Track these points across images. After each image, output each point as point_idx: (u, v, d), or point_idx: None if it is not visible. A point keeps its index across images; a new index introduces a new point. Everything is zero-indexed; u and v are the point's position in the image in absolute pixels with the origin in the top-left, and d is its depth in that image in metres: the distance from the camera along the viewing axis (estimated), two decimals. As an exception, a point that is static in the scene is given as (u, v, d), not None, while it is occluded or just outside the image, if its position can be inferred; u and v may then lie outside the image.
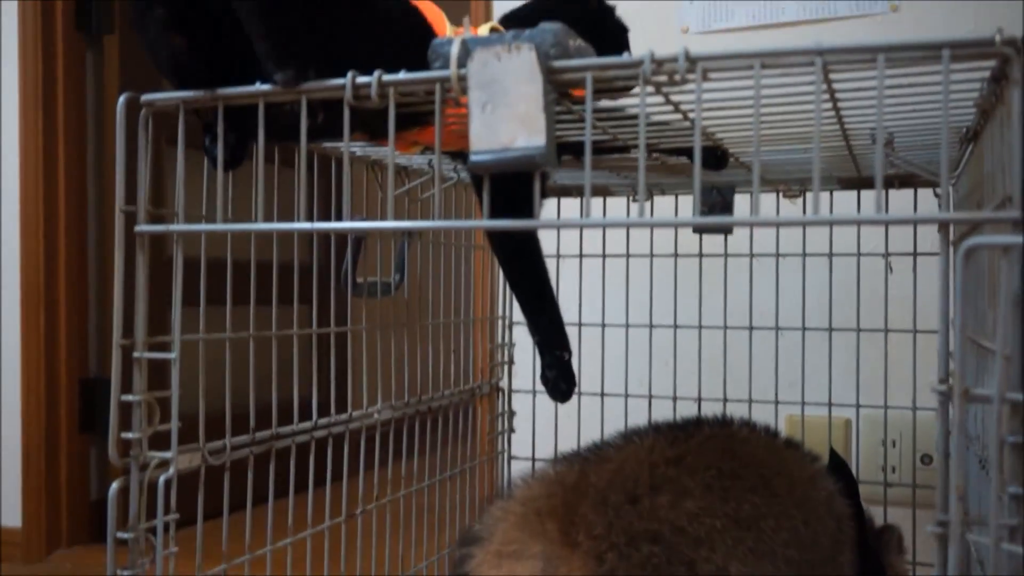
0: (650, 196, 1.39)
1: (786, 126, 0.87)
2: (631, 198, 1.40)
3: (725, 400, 1.39)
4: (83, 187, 2.21)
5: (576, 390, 1.16)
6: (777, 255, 1.38)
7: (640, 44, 1.79)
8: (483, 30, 0.84)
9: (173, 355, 0.76)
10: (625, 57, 0.62)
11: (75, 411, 2.17)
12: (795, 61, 0.59)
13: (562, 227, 0.72)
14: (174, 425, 0.77)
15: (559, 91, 0.67)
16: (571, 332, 1.45)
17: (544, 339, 1.08)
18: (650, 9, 1.78)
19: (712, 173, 1.16)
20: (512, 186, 0.75)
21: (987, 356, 0.68)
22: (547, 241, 1.48)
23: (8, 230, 2.15)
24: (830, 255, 1.34)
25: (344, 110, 0.68)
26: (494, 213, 0.83)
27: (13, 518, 2.12)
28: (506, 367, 1.51)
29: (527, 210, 0.68)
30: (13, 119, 2.14)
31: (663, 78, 0.63)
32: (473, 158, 0.65)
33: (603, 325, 1.46)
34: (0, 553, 2.11)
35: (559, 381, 1.09)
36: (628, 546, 0.92)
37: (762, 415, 1.36)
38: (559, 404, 1.15)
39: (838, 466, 1.13)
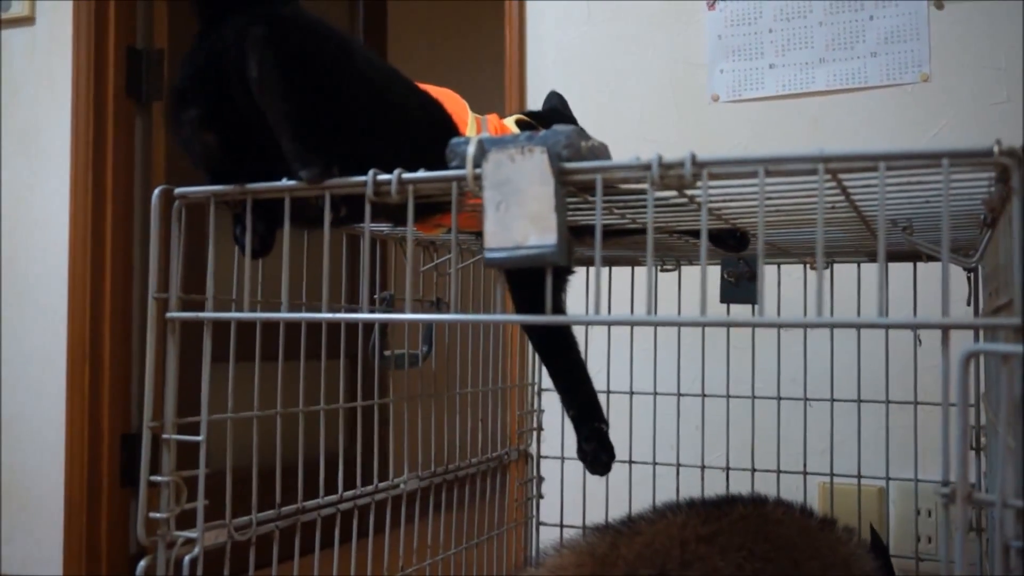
0: (677, 265, 1.40)
1: (803, 213, 0.88)
2: (658, 268, 1.41)
3: (753, 470, 1.39)
4: (128, 251, 2.27)
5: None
6: (805, 325, 1.38)
7: (670, 111, 1.82)
8: (509, 122, 0.87)
9: (201, 438, 0.79)
10: (633, 160, 0.64)
11: (116, 465, 2.22)
12: (799, 168, 0.61)
13: (573, 323, 0.74)
14: (200, 506, 0.80)
15: (576, 187, 0.69)
16: (599, 399, 1.47)
17: (580, 413, 1.09)
18: (681, 78, 1.80)
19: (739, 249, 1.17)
20: (534, 274, 0.78)
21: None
22: (576, 308, 1.51)
23: (56, 287, 2.21)
24: (858, 327, 1.34)
25: (366, 205, 0.71)
26: (517, 300, 0.85)
27: (55, 569, 2.16)
28: (535, 433, 1.52)
29: (545, 299, 0.70)
30: (64, 182, 2.22)
31: (673, 181, 0.65)
32: (488, 255, 0.67)
33: (631, 393, 1.47)
34: (41, 604, 2.15)
35: (599, 453, 1.10)
36: None
37: (791, 484, 1.36)
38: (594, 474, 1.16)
39: (875, 543, 1.12)
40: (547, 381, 1.54)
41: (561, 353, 1.06)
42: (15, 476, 2.23)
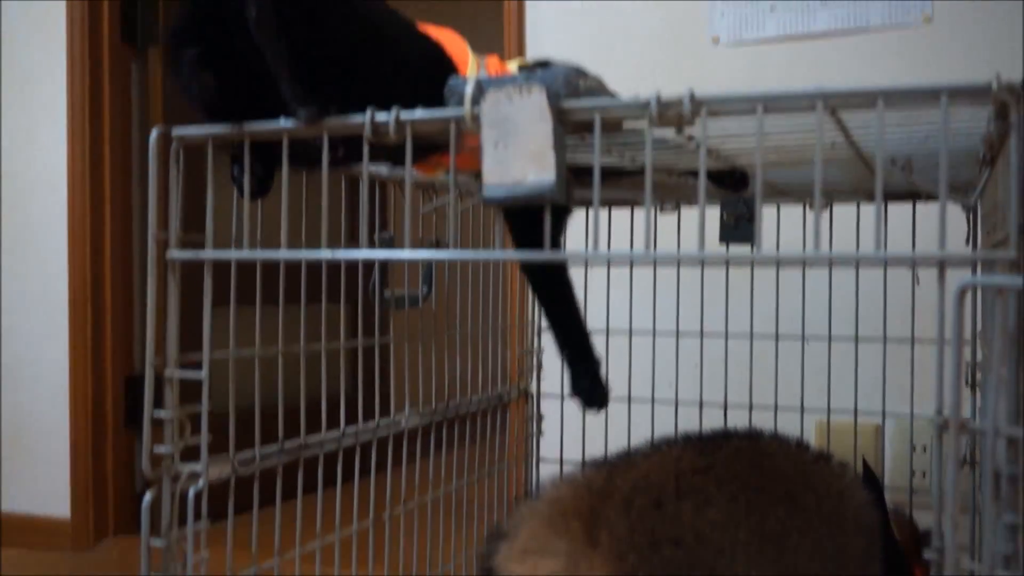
0: (677, 207, 1.40)
1: (802, 152, 0.88)
2: (658, 209, 1.41)
3: (751, 407, 1.40)
4: (128, 194, 2.27)
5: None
6: (804, 264, 1.39)
7: (671, 54, 1.80)
8: (512, 66, 0.86)
9: (203, 374, 0.80)
10: (632, 99, 0.64)
11: (120, 407, 2.24)
12: (798, 104, 0.61)
13: (570, 258, 0.74)
14: (204, 441, 0.81)
15: (574, 126, 0.70)
16: (599, 339, 1.48)
17: (573, 353, 1.10)
18: (682, 20, 1.78)
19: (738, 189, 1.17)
20: (532, 213, 0.78)
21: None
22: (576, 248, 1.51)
23: (56, 231, 2.21)
24: (856, 265, 1.35)
25: (363, 145, 0.71)
26: (516, 240, 0.86)
27: (62, 509, 2.20)
28: (535, 372, 1.53)
29: (544, 238, 0.71)
30: (61, 128, 2.20)
31: (672, 119, 0.65)
32: (486, 193, 0.67)
33: (630, 332, 1.48)
34: (50, 542, 2.18)
35: (593, 391, 1.10)
36: (650, 548, 0.94)
37: (789, 421, 1.38)
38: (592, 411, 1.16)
39: (869, 478, 1.13)
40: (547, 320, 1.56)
41: (557, 293, 1.07)
42: (21, 418, 2.25)
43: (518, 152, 0.66)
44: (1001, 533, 0.60)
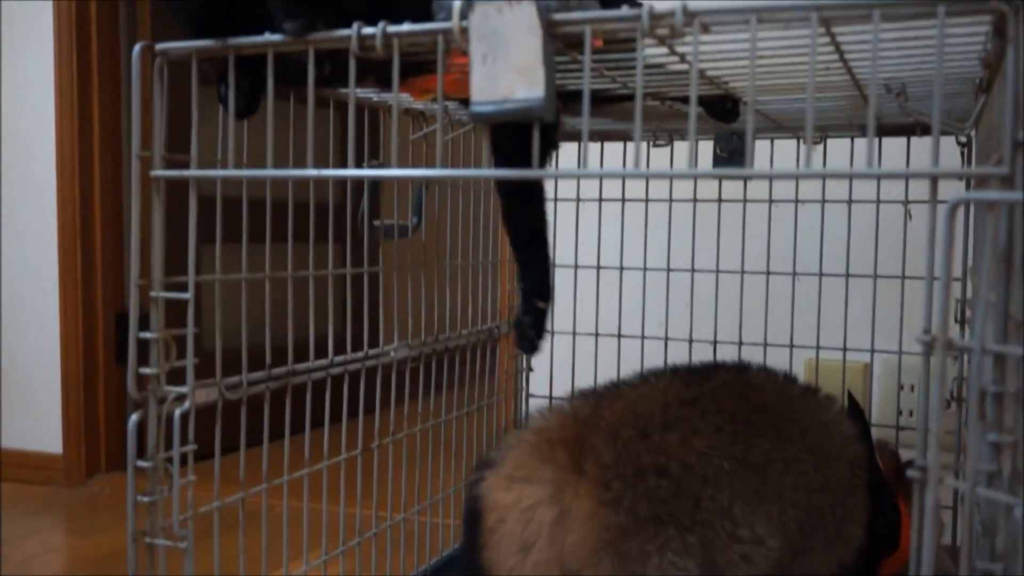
0: (670, 141, 1.39)
1: (796, 76, 0.87)
2: (650, 143, 1.40)
3: (740, 343, 1.41)
4: (117, 127, 2.24)
5: (595, 332, 1.18)
6: (796, 201, 1.38)
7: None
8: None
9: (188, 295, 0.79)
10: (624, 11, 0.63)
11: (112, 344, 2.24)
12: (792, 16, 0.60)
13: (560, 176, 0.73)
14: (189, 361, 0.81)
15: (565, 43, 0.68)
16: (590, 274, 1.47)
17: (529, 286, 1.07)
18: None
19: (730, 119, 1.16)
20: (519, 134, 0.77)
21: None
22: (568, 185, 1.50)
23: (44, 168, 2.19)
24: (849, 202, 1.34)
25: (350, 60, 0.70)
26: (499, 161, 0.85)
27: (54, 445, 2.20)
28: (525, 308, 1.53)
29: (530, 159, 0.70)
30: (48, 60, 2.17)
31: (664, 31, 0.63)
32: (474, 108, 0.66)
33: (621, 268, 1.47)
34: (43, 477, 2.20)
35: (530, 329, 1.07)
36: (635, 477, 0.95)
37: (777, 359, 1.38)
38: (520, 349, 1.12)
39: (854, 411, 1.14)
40: (538, 256, 1.55)
41: (529, 222, 1.04)
42: (13, 356, 2.25)
43: (507, 67, 0.65)
44: (985, 451, 0.60)
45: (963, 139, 1.25)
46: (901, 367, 1.39)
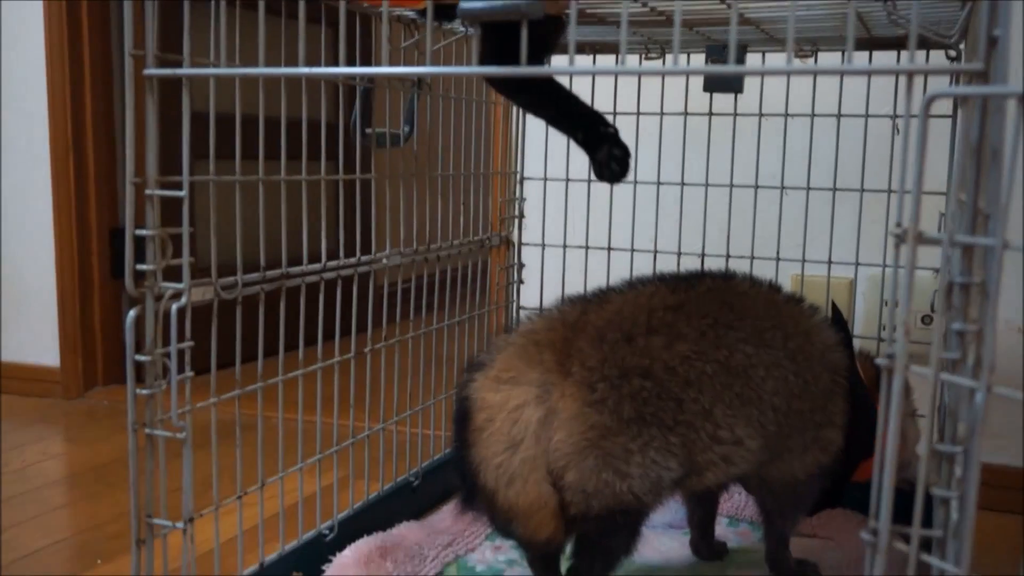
0: (662, 54, 1.39)
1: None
2: (643, 56, 1.40)
3: (728, 256, 1.43)
4: (107, 34, 2.22)
5: (585, 246, 1.18)
6: (786, 115, 1.39)
7: None
8: None
9: (183, 192, 0.81)
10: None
11: (106, 259, 2.25)
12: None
13: (553, 74, 0.74)
14: (185, 258, 0.83)
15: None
16: (580, 188, 1.49)
17: (588, 135, 1.03)
18: None
19: (721, 32, 1.16)
20: (509, 36, 0.77)
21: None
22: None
23: (35, 82, 2.18)
24: (838, 116, 1.35)
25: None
26: (484, 57, 0.85)
27: (52, 358, 2.23)
28: (516, 221, 1.55)
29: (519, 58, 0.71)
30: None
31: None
32: (463, 7, 0.67)
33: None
34: (41, 389, 2.23)
35: (612, 152, 1.04)
36: (620, 378, 0.98)
37: (764, 273, 1.40)
38: (614, 180, 1.07)
39: (837, 319, 1.16)
40: (530, 169, 1.56)
41: (550, 95, 1.02)
42: (8, 270, 2.27)
43: (495, -37, 0.66)
44: (951, 340, 0.63)
45: (952, 53, 1.26)
46: (885, 282, 1.42)
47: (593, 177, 1.47)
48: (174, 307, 0.81)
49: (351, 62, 0.86)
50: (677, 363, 1.01)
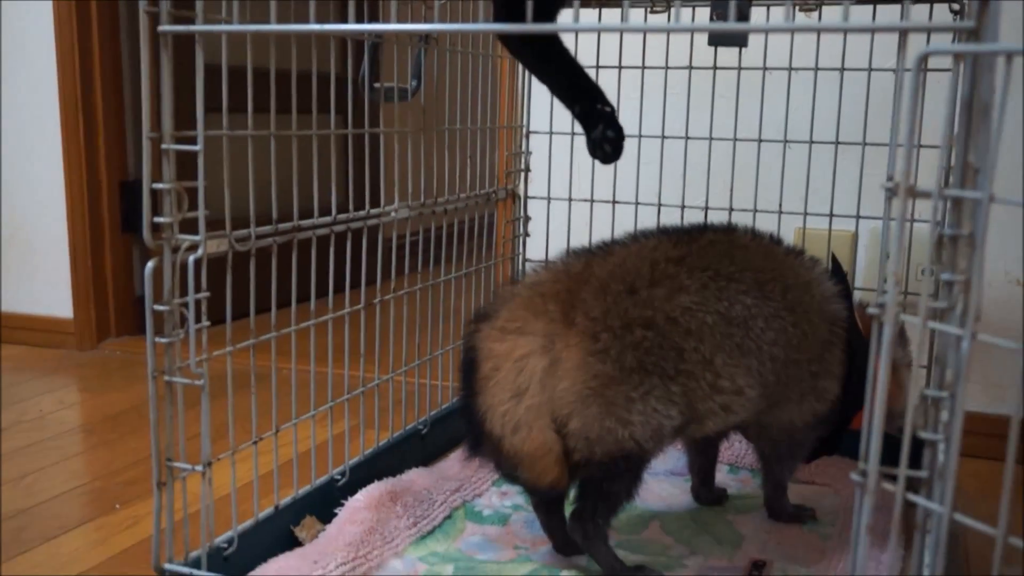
0: (667, 7, 1.40)
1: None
2: (648, 9, 1.41)
3: (731, 209, 1.45)
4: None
5: (591, 198, 1.19)
6: (790, 68, 1.40)
7: None
8: None
9: (198, 147, 0.83)
10: None
11: (117, 212, 2.28)
12: None
13: (556, 31, 0.76)
14: (201, 211, 0.85)
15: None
16: (584, 142, 1.50)
17: (584, 109, 1.06)
18: None
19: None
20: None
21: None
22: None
23: (44, 36, 2.19)
24: (841, 69, 1.36)
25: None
26: (496, 12, 0.86)
27: (65, 310, 2.27)
28: (523, 174, 1.57)
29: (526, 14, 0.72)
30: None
31: None
32: (469, -37, 0.68)
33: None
34: (56, 341, 2.27)
35: (607, 131, 1.07)
36: (622, 329, 1.01)
37: (767, 226, 1.42)
38: (606, 162, 1.11)
39: (836, 272, 1.18)
40: (536, 123, 1.58)
41: (555, 60, 1.04)
42: (20, 223, 2.29)
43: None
44: (939, 289, 0.65)
45: (956, 7, 1.27)
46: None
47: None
48: (191, 259, 0.84)
49: (360, 19, 0.88)
50: (679, 314, 1.03)
